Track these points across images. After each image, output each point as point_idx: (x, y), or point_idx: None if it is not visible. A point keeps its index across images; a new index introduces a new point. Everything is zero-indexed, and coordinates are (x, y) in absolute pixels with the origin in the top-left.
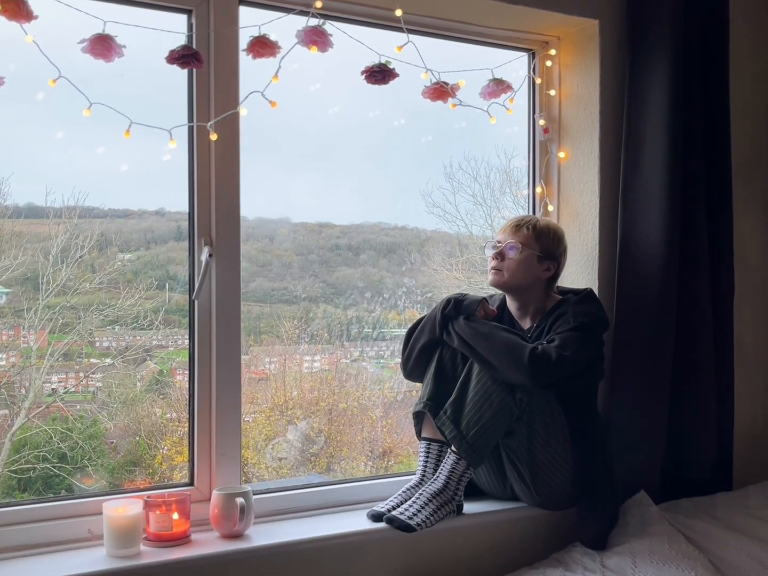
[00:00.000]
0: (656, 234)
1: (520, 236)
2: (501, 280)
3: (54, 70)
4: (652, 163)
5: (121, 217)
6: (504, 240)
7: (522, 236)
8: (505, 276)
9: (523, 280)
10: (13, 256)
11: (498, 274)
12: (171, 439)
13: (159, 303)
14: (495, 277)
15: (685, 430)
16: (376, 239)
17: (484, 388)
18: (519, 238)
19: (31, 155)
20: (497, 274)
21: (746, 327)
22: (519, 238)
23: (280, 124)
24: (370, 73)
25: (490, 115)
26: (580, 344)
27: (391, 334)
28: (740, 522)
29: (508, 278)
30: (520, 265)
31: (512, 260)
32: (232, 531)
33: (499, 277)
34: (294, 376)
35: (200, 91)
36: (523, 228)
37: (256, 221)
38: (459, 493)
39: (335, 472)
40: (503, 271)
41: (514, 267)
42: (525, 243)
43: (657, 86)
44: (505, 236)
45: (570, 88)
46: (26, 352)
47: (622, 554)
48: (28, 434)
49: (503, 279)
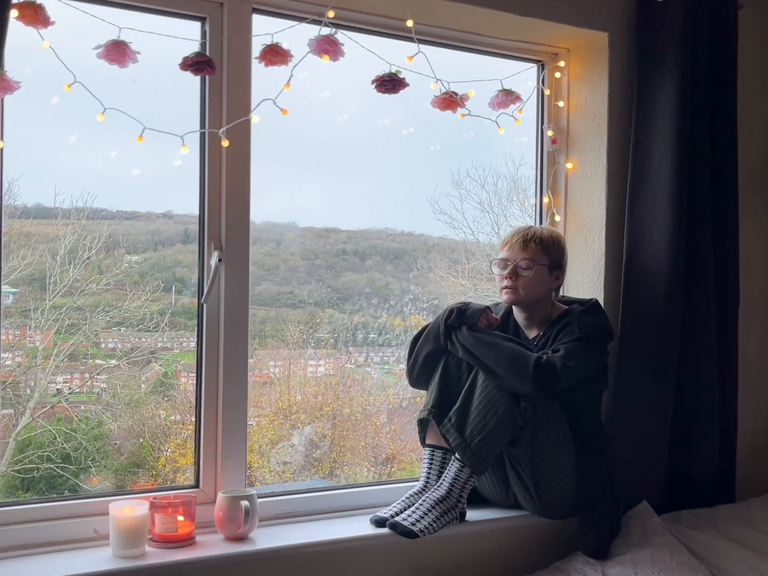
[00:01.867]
0: (662, 245)
1: (529, 252)
2: (518, 299)
3: (69, 75)
4: (659, 174)
5: (129, 219)
6: (513, 258)
7: (531, 252)
8: (522, 293)
9: (538, 294)
10: (21, 257)
11: (514, 293)
12: (175, 442)
13: (165, 305)
14: (511, 296)
15: (688, 441)
16: (382, 245)
17: (488, 396)
18: (529, 254)
19: (41, 157)
20: (513, 292)
21: (750, 339)
22: (529, 254)
23: (290, 130)
24: (381, 83)
25: (499, 125)
26: (584, 355)
27: (397, 340)
28: (742, 534)
29: (525, 295)
30: (534, 281)
31: (526, 278)
32: (237, 533)
33: (515, 295)
34: (298, 381)
35: (213, 97)
36: (530, 243)
37: (263, 225)
38: (462, 500)
39: (338, 477)
40: (519, 289)
41: (529, 284)
42: (536, 259)
43: (665, 99)
44: (513, 254)
45: (578, 99)
46: (32, 352)
47: (623, 564)
48: (32, 434)
49: (520, 297)
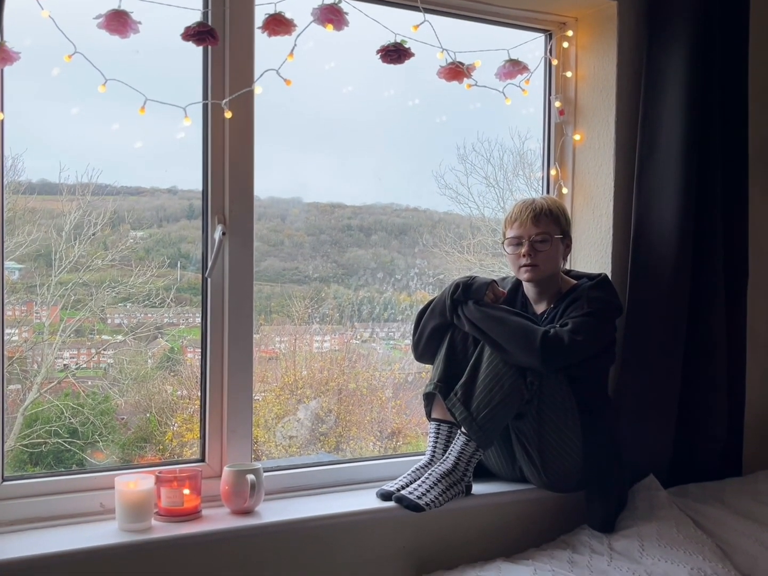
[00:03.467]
0: (671, 218)
1: (543, 226)
2: (539, 275)
3: (69, 46)
4: (667, 146)
5: (134, 195)
6: (527, 234)
7: (545, 225)
8: (542, 269)
9: (556, 267)
10: (26, 232)
11: (534, 270)
12: (181, 416)
13: (170, 281)
14: (532, 274)
15: (695, 415)
16: (387, 220)
17: (495, 370)
18: (543, 228)
19: (45, 131)
20: (533, 270)
21: (759, 313)
22: (543, 228)
23: (294, 103)
24: (386, 53)
25: (506, 96)
26: (592, 330)
27: (402, 314)
28: (749, 507)
29: (545, 270)
30: (552, 254)
31: (544, 252)
32: (243, 507)
33: (536, 273)
34: (304, 356)
35: (215, 68)
36: (542, 217)
37: (268, 201)
38: (468, 474)
39: (344, 451)
40: (539, 266)
41: (547, 258)
42: (550, 232)
43: (674, 69)
44: (526, 230)
45: (586, 69)
46: (38, 327)
47: (629, 537)
48: (39, 409)
49: (540, 272)
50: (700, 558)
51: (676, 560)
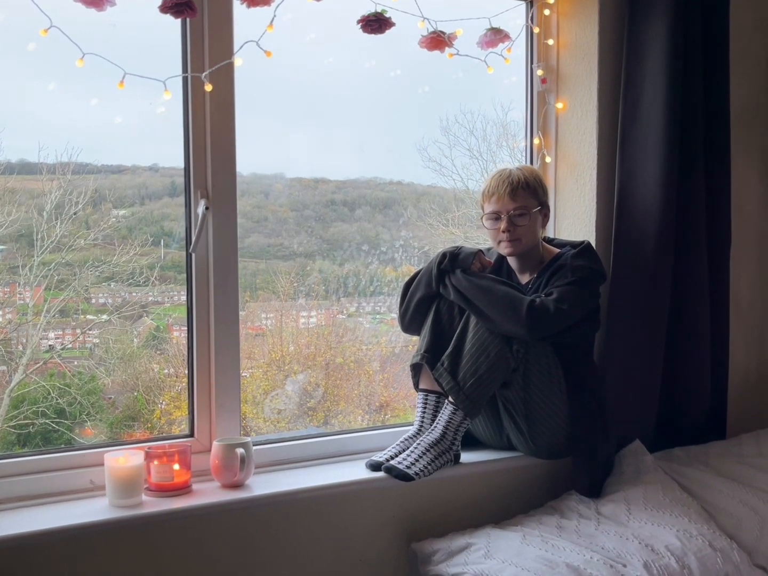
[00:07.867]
0: (654, 184)
1: (521, 200)
2: (520, 249)
3: (45, 20)
4: (650, 112)
5: (115, 173)
6: (504, 209)
7: (522, 199)
8: (523, 242)
9: (536, 239)
10: (6, 213)
11: (514, 245)
12: (169, 394)
13: (154, 259)
14: (512, 248)
15: (680, 379)
16: (371, 194)
17: (481, 339)
18: (521, 201)
19: (23, 109)
20: (513, 244)
21: (742, 277)
22: (521, 201)
23: (275, 76)
24: (366, 23)
25: (488, 65)
26: (577, 298)
27: (388, 287)
28: (733, 470)
29: (526, 243)
30: (531, 228)
31: (524, 227)
32: (233, 481)
33: (517, 247)
34: (290, 332)
35: (194, 41)
36: (519, 190)
37: (250, 177)
38: (456, 442)
39: (332, 425)
40: (520, 239)
41: (527, 232)
42: (528, 205)
43: (656, 35)
44: (504, 205)
45: (568, 37)
46: (22, 308)
47: (616, 502)
48: (26, 390)
49: (520, 246)
50: (686, 520)
51: (662, 523)
